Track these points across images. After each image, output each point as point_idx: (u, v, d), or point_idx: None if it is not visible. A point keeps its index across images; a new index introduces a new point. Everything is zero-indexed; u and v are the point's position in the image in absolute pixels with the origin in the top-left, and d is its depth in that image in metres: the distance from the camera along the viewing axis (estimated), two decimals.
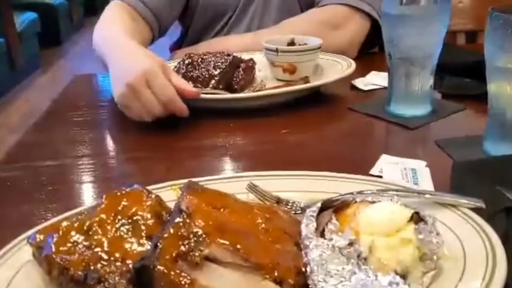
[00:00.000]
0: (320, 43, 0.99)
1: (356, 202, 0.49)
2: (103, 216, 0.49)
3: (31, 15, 4.30)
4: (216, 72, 0.93)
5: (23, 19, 4.14)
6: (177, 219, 0.45)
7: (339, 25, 1.11)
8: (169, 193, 0.57)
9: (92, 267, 0.44)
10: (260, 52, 1.05)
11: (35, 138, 0.89)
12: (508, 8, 0.63)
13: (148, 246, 0.46)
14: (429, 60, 0.81)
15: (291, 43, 1.03)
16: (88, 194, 0.70)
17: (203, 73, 0.93)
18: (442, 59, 0.83)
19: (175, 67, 0.97)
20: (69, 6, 5.17)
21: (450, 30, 1.46)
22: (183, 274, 0.41)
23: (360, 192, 0.52)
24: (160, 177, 0.61)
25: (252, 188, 0.57)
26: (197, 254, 0.43)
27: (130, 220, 0.49)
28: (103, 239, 0.47)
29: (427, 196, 0.52)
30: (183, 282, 0.41)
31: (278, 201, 0.56)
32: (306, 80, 0.97)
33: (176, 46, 1.32)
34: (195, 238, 0.44)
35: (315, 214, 0.48)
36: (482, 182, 0.55)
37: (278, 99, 0.91)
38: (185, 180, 0.54)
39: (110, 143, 0.91)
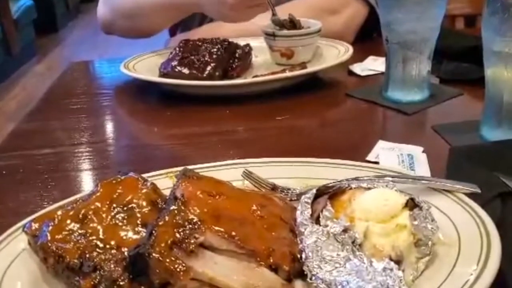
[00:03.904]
0: (319, 28, 0.98)
1: (351, 188, 0.49)
2: (98, 204, 0.49)
3: (27, 2, 4.26)
4: (212, 59, 0.93)
5: (18, 6, 4.10)
6: (172, 207, 0.45)
7: (336, 10, 1.10)
8: (165, 180, 0.57)
9: (87, 255, 0.44)
10: (257, 37, 1.04)
11: (31, 126, 0.89)
12: None
13: (143, 233, 0.46)
14: (426, 45, 0.81)
15: (293, 25, 1.02)
16: (84, 182, 0.70)
17: (199, 60, 0.93)
18: (440, 44, 0.82)
19: (171, 53, 0.96)
20: None
21: (448, 14, 1.45)
22: (178, 261, 0.42)
23: (355, 178, 0.52)
24: (156, 164, 0.61)
25: (248, 175, 0.57)
26: (192, 241, 0.43)
27: (125, 208, 0.49)
28: (99, 227, 0.47)
29: (423, 182, 0.52)
30: (178, 270, 0.41)
31: (274, 187, 0.56)
32: (303, 65, 0.96)
33: (175, 28, 1.31)
34: (190, 226, 0.44)
35: (310, 201, 0.48)
36: (479, 167, 0.55)
37: (274, 85, 0.90)
38: (181, 168, 0.54)
39: (106, 131, 0.90)
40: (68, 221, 0.48)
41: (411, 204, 0.45)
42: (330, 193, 0.49)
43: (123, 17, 1.11)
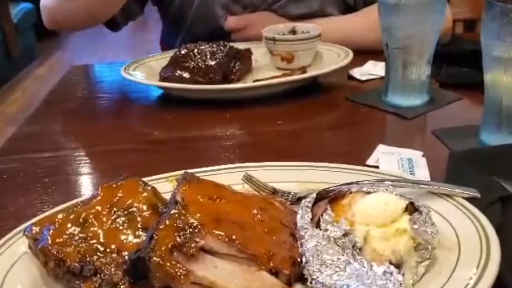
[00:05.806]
0: (318, 32, 0.99)
1: (351, 192, 0.49)
2: (99, 208, 0.49)
3: (27, 6, 4.26)
4: (212, 63, 0.93)
5: (19, 10, 4.11)
6: (173, 211, 0.46)
7: None
8: (165, 184, 0.57)
9: (88, 259, 0.45)
10: (257, 42, 1.04)
11: (31, 130, 0.89)
12: None
13: (144, 237, 0.46)
14: (426, 50, 0.81)
15: (293, 31, 1.03)
16: (84, 186, 0.70)
17: (200, 64, 0.93)
18: (439, 48, 0.83)
19: (171, 57, 0.96)
20: None
21: None
22: (178, 265, 0.42)
23: (355, 183, 0.52)
24: (156, 168, 0.61)
25: (248, 179, 0.57)
26: (192, 245, 0.43)
27: (126, 212, 0.49)
28: (99, 230, 0.47)
29: (422, 186, 0.52)
30: (178, 274, 0.41)
31: (274, 191, 0.56)
32: (303, 70, 0.97)
33: (167, 38, 1.29)
34: (190, 230, 0.44)
35: (310, 205, 0.48)
36: (478, 171, 0.55)
37: (274, 89, 0.90)
38: (181, 172, 0.54)
39: (106, 135, 0.90)
40: (69, 225, 0.48)
41: (411, 208, 0.46)
42: (330, 197, 0.49)
43: None
